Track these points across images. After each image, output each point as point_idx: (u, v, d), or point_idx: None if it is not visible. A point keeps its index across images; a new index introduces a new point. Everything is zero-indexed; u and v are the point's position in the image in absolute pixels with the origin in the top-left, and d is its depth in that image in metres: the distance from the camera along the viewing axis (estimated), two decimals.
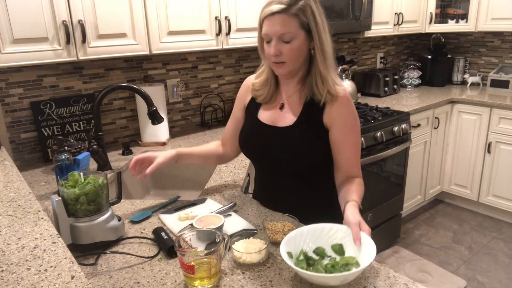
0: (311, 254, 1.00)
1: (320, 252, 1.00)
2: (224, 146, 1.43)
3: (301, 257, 0.97)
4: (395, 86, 3.42)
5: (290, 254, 0.96)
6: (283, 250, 0.94)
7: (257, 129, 1.27)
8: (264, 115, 1.27)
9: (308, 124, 1.19)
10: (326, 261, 0.97)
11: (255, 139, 1.28)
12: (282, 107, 1.25)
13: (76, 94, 2.01)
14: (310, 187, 1.28)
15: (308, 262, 0.96)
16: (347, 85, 2.90)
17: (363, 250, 0.95)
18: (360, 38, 3.18)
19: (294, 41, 1.10)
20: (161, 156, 1.29)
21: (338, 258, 0.98)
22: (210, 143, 1.46)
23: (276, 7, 1.08)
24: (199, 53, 2.41)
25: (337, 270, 0.90)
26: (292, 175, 1.27)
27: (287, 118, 1.22)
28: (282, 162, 1.24)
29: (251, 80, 1.33)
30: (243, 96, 1.35)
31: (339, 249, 1.00)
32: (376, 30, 2.96)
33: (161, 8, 1.87)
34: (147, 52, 1.88)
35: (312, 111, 1.18)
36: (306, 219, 1.16)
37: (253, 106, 1.30)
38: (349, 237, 0.99)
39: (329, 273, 0.90)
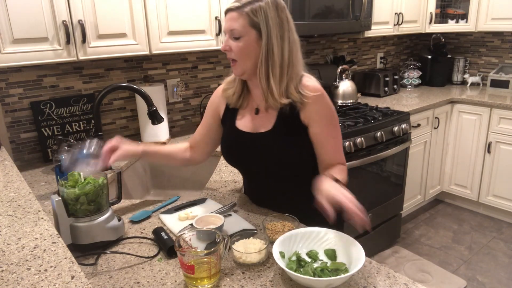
0: (304, 256, 1.02)
1: (313, 255, 1.02)
2: (193, 150, 1.41)
3: (294, 258, 0.99)
4: (395, 86, 3.42)
5: (282, 254, 0.98)
6: (275, 250, 0.96)
7: (237, 139, 1.26)
8: (242, 123, 1.26)
9: (287, 126, 1.18)
10: (317, 264, 0.99)
11: (237, 148, 1.28)
12: (257, 112, 1.24)
13: (76, 94, 2.01)
14: (300, 187, 1.26)
15: (300, 263, 0.98)
16: (347, 85, 2.90)
17: (353, 258, 0.96)
18: (360, 38, 3.18)
19: (242, 38, 1.11)
20: (128, 149, 1.25)
21: (329, 262, 1.00)
22: (178, 144, 1.44)
23: (232, 5, 1.12)
24: (199, 53, 2.41)
25: (325, 274, 0.93)
26: (280, 178, 1.26)
27: (265, 122, 1.21)
28: (268, 167, 1.24)
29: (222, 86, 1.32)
30: (216, 104, 1.33)
31: (331, 254, 1.02)
32: (376, 30, 2.96)
33: (161, 8, 1.87)
34: (147, 52, 1.88)
35: (288, 113, 1.17)
36: (301, 219, 1.16)
37: (229, 116, 1.29)
38: (341, 243, 1.02)
39: (317, 276, 0.92)
